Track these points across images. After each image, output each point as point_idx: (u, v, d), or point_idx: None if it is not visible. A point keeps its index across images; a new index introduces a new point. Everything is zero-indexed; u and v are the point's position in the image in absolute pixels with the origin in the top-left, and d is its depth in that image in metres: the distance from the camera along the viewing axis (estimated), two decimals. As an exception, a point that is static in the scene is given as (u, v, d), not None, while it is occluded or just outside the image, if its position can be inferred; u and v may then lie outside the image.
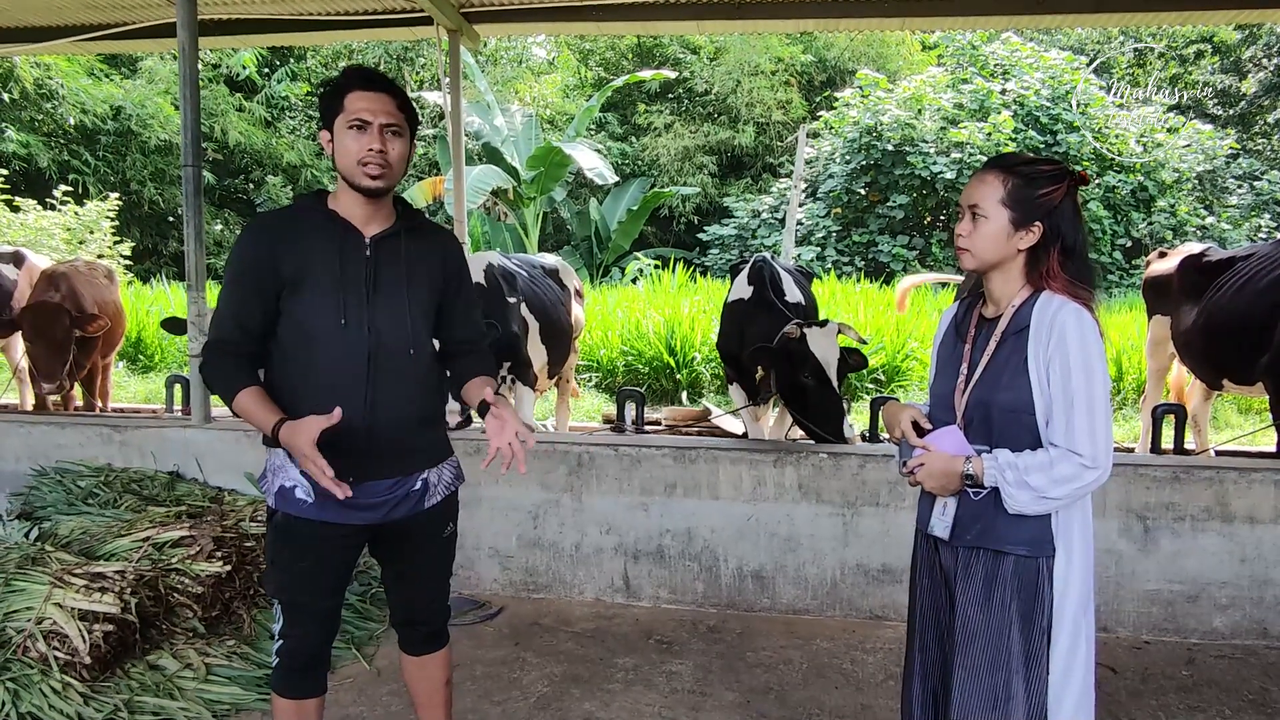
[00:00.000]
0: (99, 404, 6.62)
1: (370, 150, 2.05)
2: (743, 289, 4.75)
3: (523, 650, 3.53)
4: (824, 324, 4.14)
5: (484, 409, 2.17)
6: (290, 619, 2.22)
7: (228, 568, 3.39)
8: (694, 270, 14.89)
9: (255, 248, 2.11)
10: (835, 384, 4.01)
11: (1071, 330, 1.84)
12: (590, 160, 16.60)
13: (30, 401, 6.23)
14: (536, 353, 5.03)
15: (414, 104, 2.20)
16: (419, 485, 2.24)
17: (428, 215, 2.42)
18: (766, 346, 4.11)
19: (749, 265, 4.86)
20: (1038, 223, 1.89)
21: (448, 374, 2.35)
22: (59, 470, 4.25)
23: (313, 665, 2.28)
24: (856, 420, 7.27)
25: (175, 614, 3.26)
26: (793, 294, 4.64)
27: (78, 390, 6.33)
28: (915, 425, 2.01)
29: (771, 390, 4.46)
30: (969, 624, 1.94)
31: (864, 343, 4.40)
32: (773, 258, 4.95)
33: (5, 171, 12.50)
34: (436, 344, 2.31)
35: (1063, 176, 1.91)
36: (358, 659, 3.39)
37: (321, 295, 2.09)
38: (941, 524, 1.99)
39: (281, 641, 2.23)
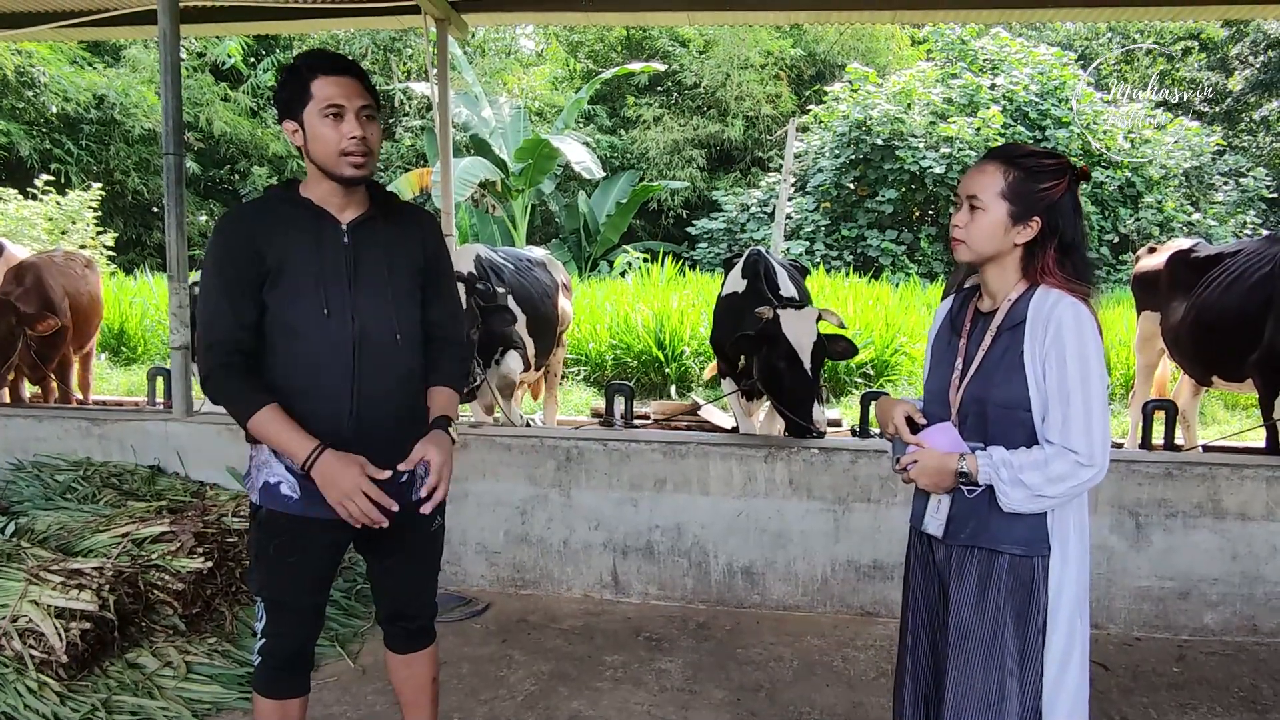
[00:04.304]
0: (78, 396, 6.53)
1: (352, 138, 1.99)
2: (737, 282, 4.71)
3: (510, 648, 3.48)
4: (800, 307, 4.10)
5: (434, 425, 2.18)
6: (274, 617, 2.17)
7: (209, 564, 3.33)
8: (683, 264, 14.84)
9: (236, 239, 2.04)
10: (808, 367, 3.98)
11: (1069, 325, 1.80)
12: (578, 154, 16.51)
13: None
14: (525, 344, 4.99)
15: (378, 88, 2.14)
16: (405, 477, 2.18)
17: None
18: (749, 335, 4.09)
19: (743, 259, 4.81)
20: (1036, 217, 1.86)
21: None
22: (36, 464, 4.18)
23: (296, 665, 2.24)
24: (845, 415, 7.26)
25: (155, 611, 3.19)
26: (787, 288, 4.59)
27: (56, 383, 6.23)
28: (909, 421, 1.97)
29: (752, 377, 4.43)
30: (962, 623, 1.91)
31: (843, 327, 4.36)
32: (766, 251, 4.91)
33: (-14, 160, 12.36)
34: None
35: (1065, 171, 1.87)
36: (342, 657, 3.34)
37: (302, 286, 2.03)
38: (935, 522, 1.95)
39: (264, 640, 2.18)
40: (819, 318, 4.10)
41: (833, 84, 18.70)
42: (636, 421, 5.46)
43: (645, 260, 14.92)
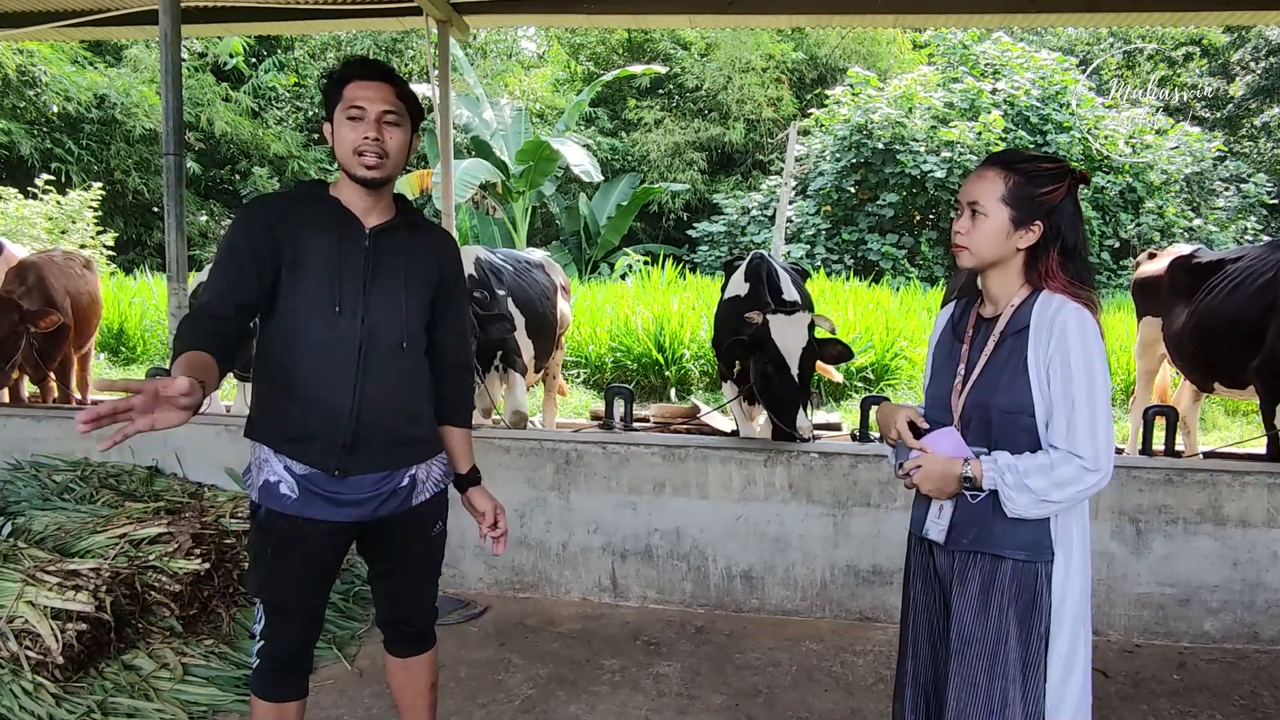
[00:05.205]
0: (78, 396, 6.52)
1: (366, 139, 2.01)
2: (739, 286, 4.70)
3: (508, 651, 3.47)
4: (791, 312, 4.10)
5: (466, 482, 2.33)
6: (272, 619, 2.16)
7: (206, 565, 3.32)
8: (683, 267, 14.85)
9: (256, 224, 2.06)
10: (795, 373, 3.99)
11: (1073, 330, 1.80)
12: (578, 157, 16.52)
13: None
14: (523, 346, 4.99)
15: (414, 92, 2.14)
16: (406, 481, 2.18)
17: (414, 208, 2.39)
18: (741, 340, 4.10)
19: (746, 263, 4.81)
20: (1038, 221, 1.86)
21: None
22: (34, 464, 4.16)
23: (294, 667, 2.22)
24: (846, 419, 7.25)
25: (152, 613, 3.18)
26: (790, 292, 4.59)
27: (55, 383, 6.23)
28: (912, 426, 1.96)
29: (747, 381, 4.43)
30: (965, 630, 1.90)
31: (833, 332, 4.36)
32: (769, 255, 4.91)
33: (-13, 159, 12.36)
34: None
35: (1064, 175, 1.88)
36: (339, 659, 3.33)
37: (317, 281, 2.04)
38: (937, 527, 1.94)
39: (262, 642, 2.17)
40: (811, 323, 4.09)
41: (834, 87, 18.71)
42: (636, 424, 5.45)
43: (645, 263, 14.93)
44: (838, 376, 6.70)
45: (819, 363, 4.29)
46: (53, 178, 13.23)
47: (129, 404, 1.52)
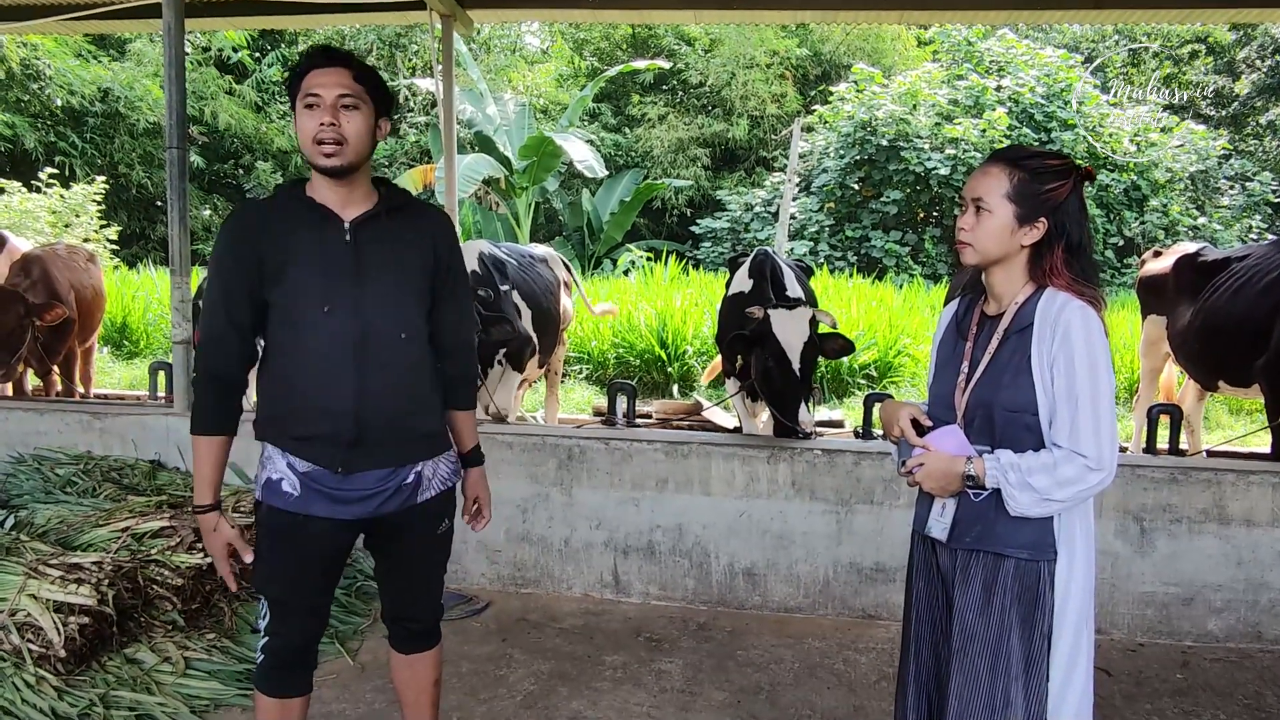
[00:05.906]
0: (80, 390, 6.53)
1: (321, 125, 1.95)
2: (743, 283, 4.70)
3: (510, 647, 3.47)
4: (792, 307, 4.09)
5: (467, 462, 2.33)
6: (277, 615, 2.15)
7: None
8: (686, 263, 14.83)
9: (237, 241, 2.05)
10: (796, 368, 3.99)
11: (1076, 328, 1.79)
12: (581, 152, 16.47)
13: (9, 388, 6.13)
14: (527, 341, 4.97)
15: (379, 75, 2.07)
16: (412, 478, 2.15)
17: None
18: (742, 334, 4.10)
19: (750, 259, 4.80)
20: (1042, 218, 1.85)
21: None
22: (37, 458, 4.16)
23: (298, 664, 2.22)
24: (849, 417, 7.24)
25: (154, 606, 3.18)
26: (794, 289, 4.58)
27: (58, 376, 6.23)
28: (915, 424, 1.95)
29: (749, 377, 4.43)
30: (967, 628, 1.90)
31: (834, 328, 4.36)
32: (773, 252, 4.90)
33: (-10, 153, 12.36)
34: None
35: (1069, 172, 1.87)
36: (342, 654, 3.33)
37: (304, 283, 2.02)
38: (940, 526, 1.94)
39: (267, 638, 2.17)
40: (812, 318, 4.09)
41: (838, 84, 18.67)
42: (638, 420, 5.44)
43: (649, 259, 14.90)
44: None
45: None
46: (56, 171, 13.21)
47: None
